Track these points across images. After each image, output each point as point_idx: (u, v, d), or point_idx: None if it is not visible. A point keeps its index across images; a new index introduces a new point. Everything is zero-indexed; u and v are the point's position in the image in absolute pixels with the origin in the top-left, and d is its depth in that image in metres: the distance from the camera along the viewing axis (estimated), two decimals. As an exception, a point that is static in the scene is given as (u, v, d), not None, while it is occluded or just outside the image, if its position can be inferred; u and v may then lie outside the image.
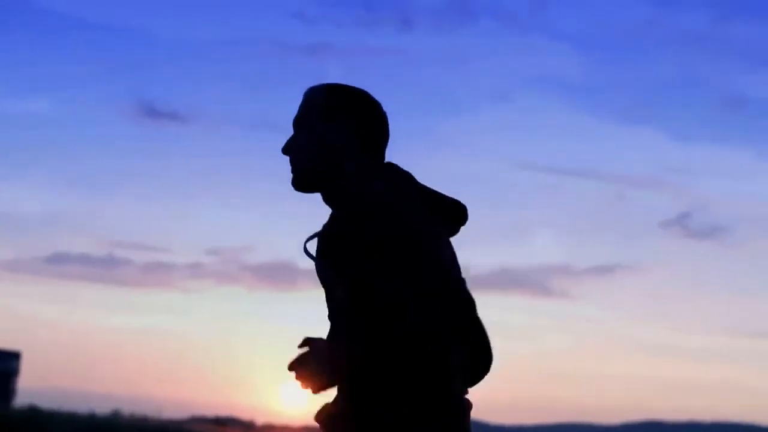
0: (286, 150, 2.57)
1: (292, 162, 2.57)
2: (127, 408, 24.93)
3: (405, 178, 2.53)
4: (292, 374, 2.35)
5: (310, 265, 2.58)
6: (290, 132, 2.59)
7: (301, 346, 2.38)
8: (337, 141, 2.52)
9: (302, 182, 2.56)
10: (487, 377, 2.46)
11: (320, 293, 2.61)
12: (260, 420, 26.55)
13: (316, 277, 2.58)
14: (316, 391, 2.36)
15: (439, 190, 2.55)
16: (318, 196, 2.57)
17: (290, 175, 2.57)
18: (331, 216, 2.56)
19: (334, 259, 2.47)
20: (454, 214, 2.54)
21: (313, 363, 2.34)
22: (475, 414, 2.44)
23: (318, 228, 2.58)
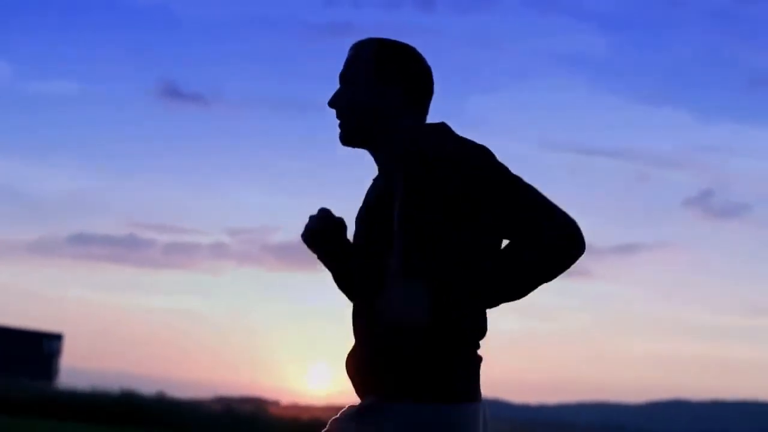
0: (332, 104, 2.58)
1: (340, 117, 2.58)
2: (150, 388, 24.65)
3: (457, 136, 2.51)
4: (317, 355, 2.12)
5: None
6: (313, 110, 2.30)
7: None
8: (387, 99, 2.54)
9: (352, 138, 2.57)
10: (509, 357, 2.12)
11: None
12: (285, 400, 26.29)
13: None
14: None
15: None
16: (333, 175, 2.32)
17: (330, 153, 2.47)
18: (380, 170, 2.59)
19: (405, 207, 2.42)
20: None
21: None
22: (499, 393, 1.95)
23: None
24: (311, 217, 2.65)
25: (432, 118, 2.59)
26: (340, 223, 2.64)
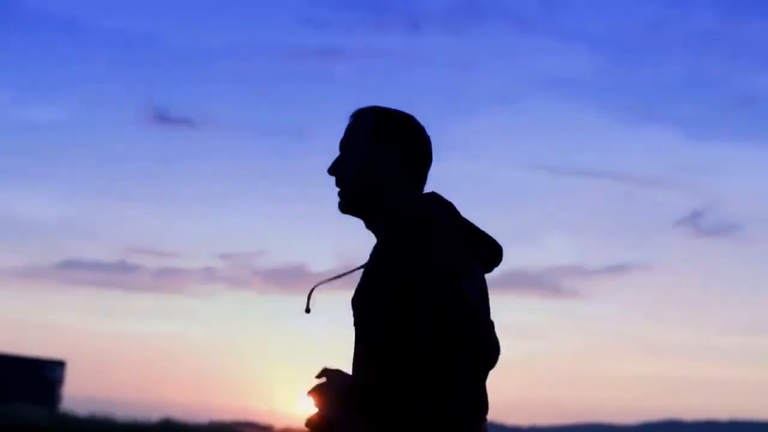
0: (332, 171, 2.57)
1: (339, 184, 2.57)
2: (142, 413, 25.02)
3: (446, 208, 2.51)
4: (310, 388, 2.36)
5: (321, 267, 2.60)
6: (299, 136, 2.64)
7: (318, 376, 2.37)
8: (386, 166, 2.52)
9: (350, 207, 2.56)
10: (502, 378, 2.45)
11: (329, 297, 2.60)
12: (278, 425, 26.57)
13: (328, 283, 2.58)
14: (320, 422, 2.36)
15: (476, 225, 2.53)
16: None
17: (319, 181, 2.58)
18: (375, 247, 2.55)
19: (377, 291, 2.42)
20: (490, 253, 2.52)
21: (328, 397, 2.34)
22: (491, 415, 2.44)
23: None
24: (319, 385, 2.41)
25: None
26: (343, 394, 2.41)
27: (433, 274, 2.32)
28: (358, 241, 2.60)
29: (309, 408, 2.38)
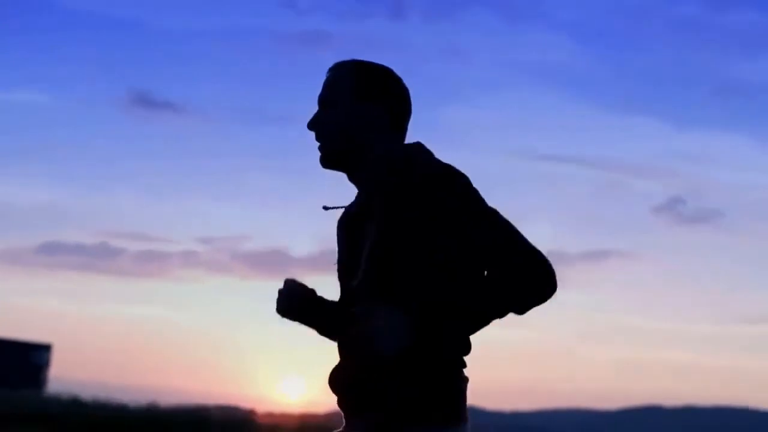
0: (311, 126, 2.58)
1: (319, 139, 2.57)
2: (124, 397, 25.04)
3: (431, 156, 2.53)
4: (289, 365, 2.48)
5: (303, 252, 2.62)
6: (285, 121, 2.61)
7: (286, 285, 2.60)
8: (366, 121, 2.53)
9: (331, 161, 2.57)
10: (484, 364, 2.54)
11: (312, 280, 2.63)
12: (260, 409, 26.56)
13: (309, 264, 2.66)
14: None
15: None
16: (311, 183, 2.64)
17: (301, 166, 2.70)
18: (359, 190, 2.59)
19: (379, 214, 2.46)
20: None
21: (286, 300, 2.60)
22: (472, 400, 2.53)
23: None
24: (280, 292, 2.60)
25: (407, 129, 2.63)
26: (311, 295, 2.60)
27: (469, 197, 2.41)
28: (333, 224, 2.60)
29: (289, 379, 2.47)
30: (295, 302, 2.57)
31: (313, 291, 2.59)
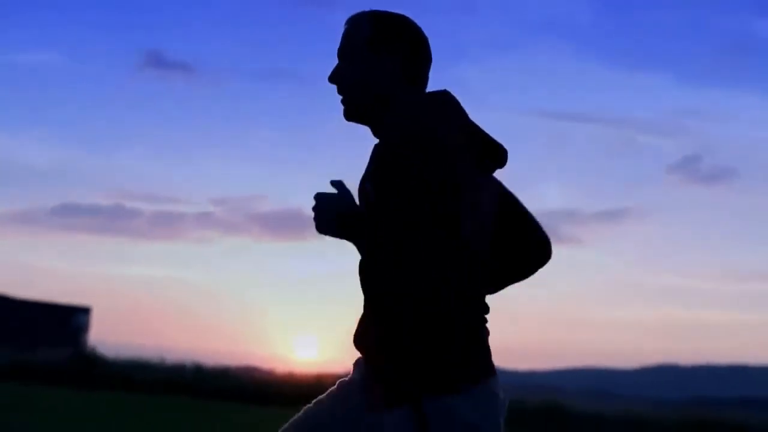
0: (332, 79, 2.57)
1: (341, 92, 2.56)
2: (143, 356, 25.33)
3: (454, 109, 2.48)
4: (304, 325, 2.45)
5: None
6: (294, 81, 2.69)
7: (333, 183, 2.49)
8: (386, 71, 2.51)
9: (353, 114, 2.55)
10: (499, 323, 2.51)
11: (328, 243, 2.58)
12: (279, 369, 26.72)
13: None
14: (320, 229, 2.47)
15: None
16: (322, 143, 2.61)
17: (315, 124, 2.75)
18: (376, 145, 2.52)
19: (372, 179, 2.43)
20: (494, 155, 2.50)
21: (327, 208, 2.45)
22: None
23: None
24: (314, 208, 2.47)
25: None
26: (347, 207, 2.48)
27: (430, 172, 2.33)
28: (356, 185, 2.56)
29: (304, 340, 2.41)
30: (333, 217, 2.44)
31: (349, 202, 2.47)
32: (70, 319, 37.43)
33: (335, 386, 2.60)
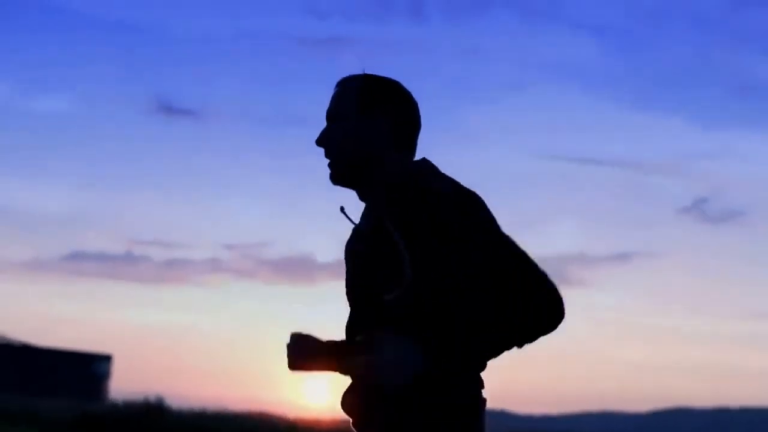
0: (320, 142, 2.53)
1: (328, 155, 2.52)
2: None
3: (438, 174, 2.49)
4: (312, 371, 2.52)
5: (329, 258, 2.69)
6: (306, 124, 2.89)
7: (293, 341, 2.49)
8: (374, 134, 2.48)
9: (340, 177, 2.52)
10: (512, 368, 2.59)
11: (338, 286, 2.57)
12: (291, 415, 26.86)
13: (336, 270, 2.56)
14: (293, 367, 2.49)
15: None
16: (338, 193, 2.57)
17: (317, 169, 2.54)
18: (369, 208, 2.53)
19: (393, 240, 2.40)
20: None
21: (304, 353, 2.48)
22: (502, 405, 2.82)
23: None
24: (288, 347, 2.51)
25: (426, 129, 2.57)
26: (319, 344, 2.50)
27: (469, 221, 2.36)
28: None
29: (314, 384, 2.54)
30: (306, 354, 2.49)
31: (318, 341, 2.50)
32: (90, 367, 37.46)
33: None
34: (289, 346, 2.50)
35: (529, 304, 2.34)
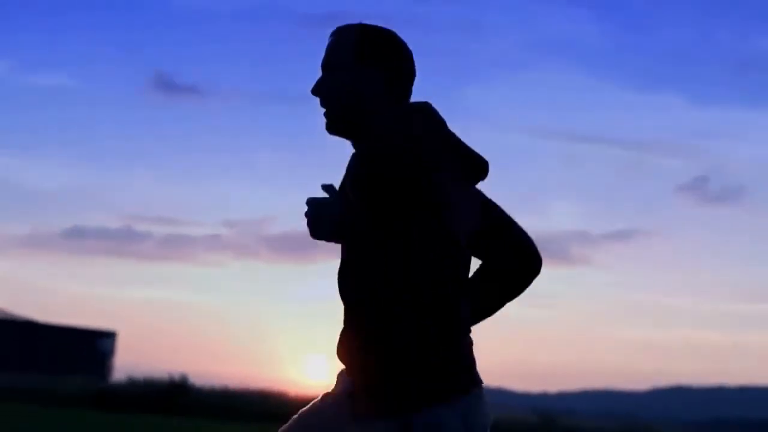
0: (315, 91, 2.55)
1: (323, 105, 2.55)
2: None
3: (435, 120, 2.49)
4: (312, 347, 2.66)
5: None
6: (307, 101, 2.60)
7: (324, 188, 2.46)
8: (369, 84, 2.50)
9: (335, 126, 2.53)
10: (511, 346, 2.77)
11: (336, 264, 2.58)
12: (290, 392, 27.13)
13: (337, 246, 2.57)
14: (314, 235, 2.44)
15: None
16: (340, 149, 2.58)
17: (322, 118, 2.56)
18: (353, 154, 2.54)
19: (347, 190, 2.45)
20: (475, 167, 2.50)
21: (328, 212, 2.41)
22: (500, 382, 2.94)
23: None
24: (306, 215, 2.43)
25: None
26: (339, 213, 2.42)
27: (406, 184, 2.34)
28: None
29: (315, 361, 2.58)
30: (327, 223, 2.40)
31: (342, 206, 2.41)
32: (95, 344, 37.62)
33: (319, 399, 2.58)
34: (307, 215, 2.42)
35: (500, 257, 2.48)
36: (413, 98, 2.58)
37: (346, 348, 2.48)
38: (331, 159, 2.63)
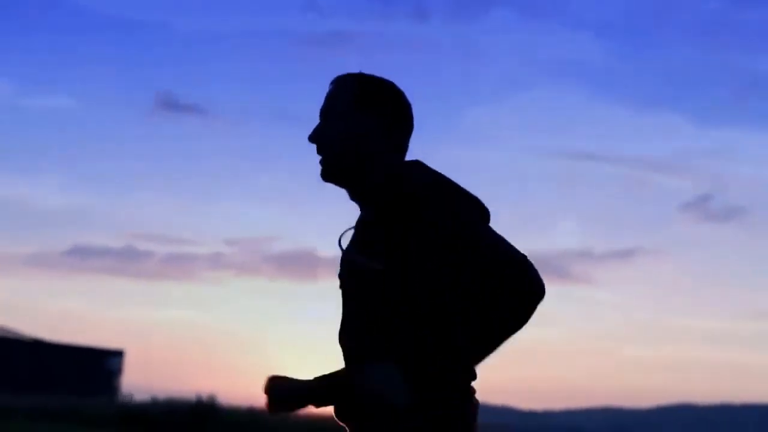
0: (313, 138, 2.53)
1: (320, 152, 2.52)
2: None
3: (433, 172, 2.47)
4: (314, 365, 2.54)
5: (331, 253, 2.55)
6: (308, 121, 2.59)
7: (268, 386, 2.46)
8: (367, 133, 2.48)
9: (332, 174, 2.51)
10: (515, 364, 2.78)
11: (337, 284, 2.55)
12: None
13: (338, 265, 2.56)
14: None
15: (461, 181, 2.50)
16: (337, 189, 2.56)
17: (317, 165, 2.54)
18: (365, 209, 2.52)
19: (379, 248, 2.40)
20: (484, 210, 2.46)
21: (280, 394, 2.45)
22: (505, 400, 3.19)
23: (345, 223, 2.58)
24: (266, 391, 2.47)
25: (429, 128, 2.73)
26: (296, 388, 2.46)
27: (460, 227, 2.34)
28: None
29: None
30: (284, 400, 2.46)
31: (295, 382, 2.46)
32: (103, 363, 37.62)
33: None
34: (267, 390, 2.46)
35: (515, 301, 2.33)
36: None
37: (349, 410, 2.44)
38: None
